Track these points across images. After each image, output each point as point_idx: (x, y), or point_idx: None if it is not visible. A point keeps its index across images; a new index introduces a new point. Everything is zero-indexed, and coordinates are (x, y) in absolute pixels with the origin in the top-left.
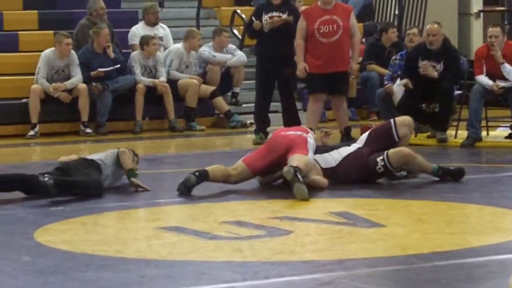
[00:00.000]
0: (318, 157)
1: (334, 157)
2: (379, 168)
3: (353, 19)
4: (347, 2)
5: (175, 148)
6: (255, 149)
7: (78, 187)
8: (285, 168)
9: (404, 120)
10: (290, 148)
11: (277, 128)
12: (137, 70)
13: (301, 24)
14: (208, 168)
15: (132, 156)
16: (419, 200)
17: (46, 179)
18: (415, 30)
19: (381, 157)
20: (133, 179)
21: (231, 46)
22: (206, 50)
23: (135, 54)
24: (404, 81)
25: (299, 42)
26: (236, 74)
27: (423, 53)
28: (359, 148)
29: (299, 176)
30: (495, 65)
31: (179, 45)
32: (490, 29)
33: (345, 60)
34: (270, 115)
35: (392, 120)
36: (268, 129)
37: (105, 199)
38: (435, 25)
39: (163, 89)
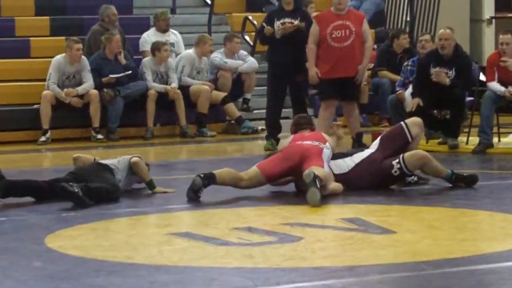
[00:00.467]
0: (331, 162)
1: (347, 163)
2: (395, 172)
3: (365, 25)
4: (359, 8)
5: (186, 154)
6: (270, 155)
7: (101, 193)
8: (306, 171)
9: (414, 120)
10: (305, 157)
11: (288, 135)
12: (149, 76)
13: (314, 29)
14: (215, 171)
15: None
16: (430, 206)
17: (75, 189)
18: (427, 37)
19: (397, 160)
20: (156, 190)
21: (242, 52)
22: (218, 56)
23: (147, 60)
24: (416, 100)
25: (311, 47)
26: (247, 80)
27: (435, 60)
28: (372, 153)
29: (317, 182)
30: (507, 72)
31: (191, 51)
32: (501, 36)
33: (356, 66)
34: (281, 121)
35: (402, 122)
36: (280, 135)
37: (116, 205)
38: (448, 30)
39: (175, 95)
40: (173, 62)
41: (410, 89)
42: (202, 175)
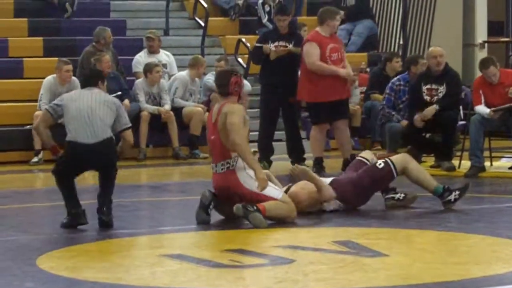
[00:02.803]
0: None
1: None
2: (380, 164)
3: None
4: (352, 31)
5: (178, 175)
6: None
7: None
8: (234, 207)
9: (399, 160)
10: None
11: (281, 157)
12: (141, 98)
13: (316, 49)
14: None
15: None
16: (422, 229)
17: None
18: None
19: (382, 159)
20: None
21: None
22: (210, 78)
23: (139, 82)
24: (418, 118)
25: (320, 64)
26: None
27: (426, 78)
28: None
29: (249, 208)
30: (493, 95)
31: (184, 73)
32: (484, 71)
33: (347, 87)
34: (274, 143)
35: (390, 162)
36: (272, 157)
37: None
38: (438, 48)
39: (167, 117)
40: (165, 83)
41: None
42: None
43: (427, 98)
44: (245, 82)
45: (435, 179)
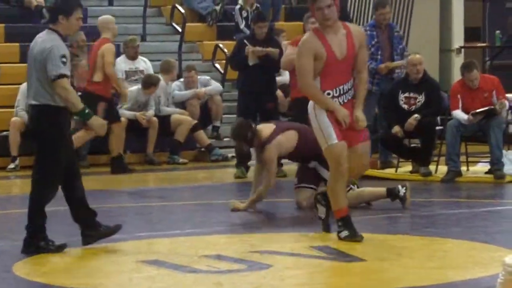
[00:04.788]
0: None
1: None
2: None
3: None
4: None
5: (157, 181)
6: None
7: None
8: None
9: None
10: None
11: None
12: (128, 105)
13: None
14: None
15: None
16: (399, 234)
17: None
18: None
19: None
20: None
21: (205, 78)
22: (175, 88)
23: (133, 91)
24: (396, 129)
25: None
26: (213, 107)
27: (403, 86)
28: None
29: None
30: (471, 100)
31: (162, 80)
32: (467, 74)
33: None
34: (251, 149)
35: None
36: (250, 163)
37: None
38: (418, 55)
39: (149, 123)
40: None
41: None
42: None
43: (404, 106)
44: (216, 83)
45: (413, 184)
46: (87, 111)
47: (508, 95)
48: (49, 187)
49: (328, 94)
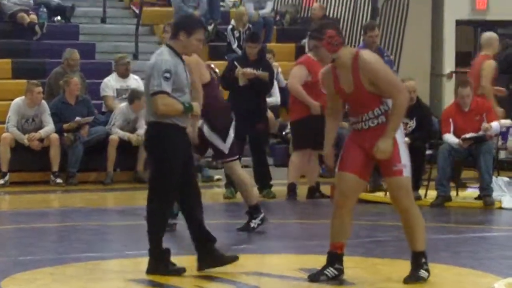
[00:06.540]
0: None
1: None
2: None
3: None
4: None
5: (145, 200)
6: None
7: None
8: None
9: None
10: None
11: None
12: (117, 123)
13: (302, 72)
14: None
15: None
16: (388, 258)
17: None
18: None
19: None
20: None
21: None
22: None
23: (122, 108)
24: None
25: (298, 87)
26: None
27: None
28: None
29: None
30: (464, 123)
31: None
32: (460, 89)
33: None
34: None
35: None
36: None
37: (74, 250)
38: (411, 82)
39: (139, 141)
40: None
41: None
42: None
43: None
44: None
45: None
46: (187, 105)
47: (495, 123)
48: (164, 202)
49: (351, 121)
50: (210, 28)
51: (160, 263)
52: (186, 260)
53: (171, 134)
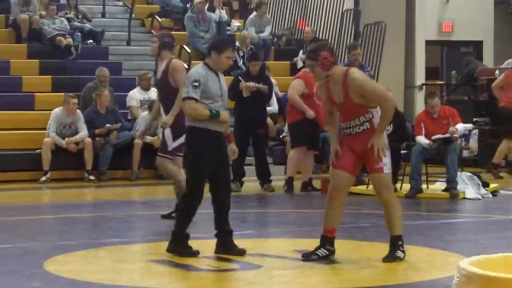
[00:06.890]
0: None
1: None
2: None
3: None
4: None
5: (165, 193)
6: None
7: None
8: None
9: None
10: None
11: (251, 179)
12: (140, 128)
13: (300, 85)
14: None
15: None
16: (369, 241)
17: None
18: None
19: None
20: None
21: None
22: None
23: (145, 115)
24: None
25: (296, 97)
26: None
27: None
28: None
29: None
30: (434, 127)
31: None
32: (429, 100)
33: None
34: (245, 167)
35: None
36: (244, 179)
37: (104, 236)
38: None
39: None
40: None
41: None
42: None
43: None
44: None
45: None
46: (214, 111)
47: (460, 125)
48: (193, 199)
49: (341, 126)
50: None
51: (180, 244)
52: (200, 243)
53: (201, 137)
